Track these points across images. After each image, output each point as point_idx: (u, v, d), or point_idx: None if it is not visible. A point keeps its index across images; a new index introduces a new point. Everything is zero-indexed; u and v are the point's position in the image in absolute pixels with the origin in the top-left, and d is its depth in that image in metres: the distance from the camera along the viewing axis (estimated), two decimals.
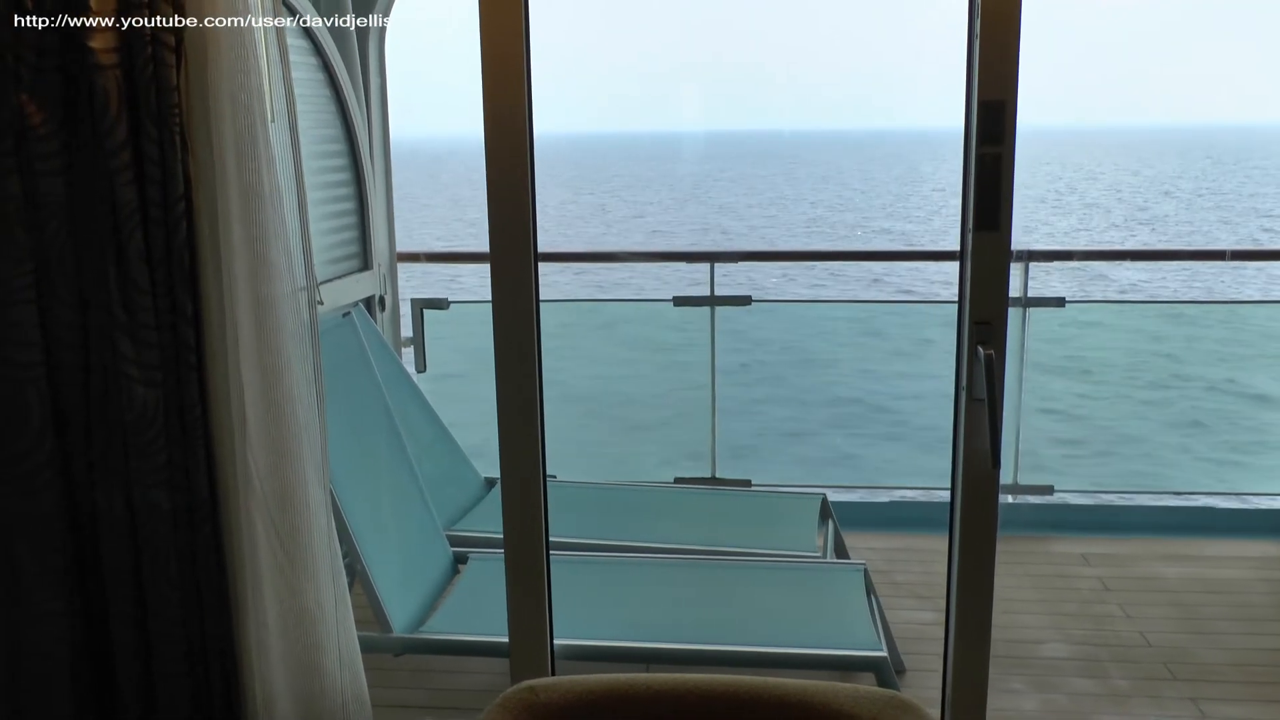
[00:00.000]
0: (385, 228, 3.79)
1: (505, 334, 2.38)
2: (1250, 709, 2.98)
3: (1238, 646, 3.35)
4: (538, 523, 2.50)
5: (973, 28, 2.20)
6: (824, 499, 3.89)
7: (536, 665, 2.57)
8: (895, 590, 3.74)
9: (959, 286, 2.37)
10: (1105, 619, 3.54)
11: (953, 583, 2.50)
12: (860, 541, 3.87)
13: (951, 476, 2.48)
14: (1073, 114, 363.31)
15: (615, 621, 3.12)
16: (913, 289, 15.94)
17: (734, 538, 3.68)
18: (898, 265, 19.21)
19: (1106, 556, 3.99)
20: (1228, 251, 7.30)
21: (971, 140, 2.24)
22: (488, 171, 2.28)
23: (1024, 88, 2.18)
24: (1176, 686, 3.10)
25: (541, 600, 2.54)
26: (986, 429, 2.30)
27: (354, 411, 3.13)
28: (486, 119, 2.24)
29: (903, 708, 1.65)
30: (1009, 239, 2.27)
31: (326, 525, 2.32)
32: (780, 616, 3.18)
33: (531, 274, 2.35)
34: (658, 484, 4.74)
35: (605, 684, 1.72)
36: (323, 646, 2.35)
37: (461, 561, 3.28)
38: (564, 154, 74.74)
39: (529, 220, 2.32)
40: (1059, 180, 50.71)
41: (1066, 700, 3.06)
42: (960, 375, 2.37)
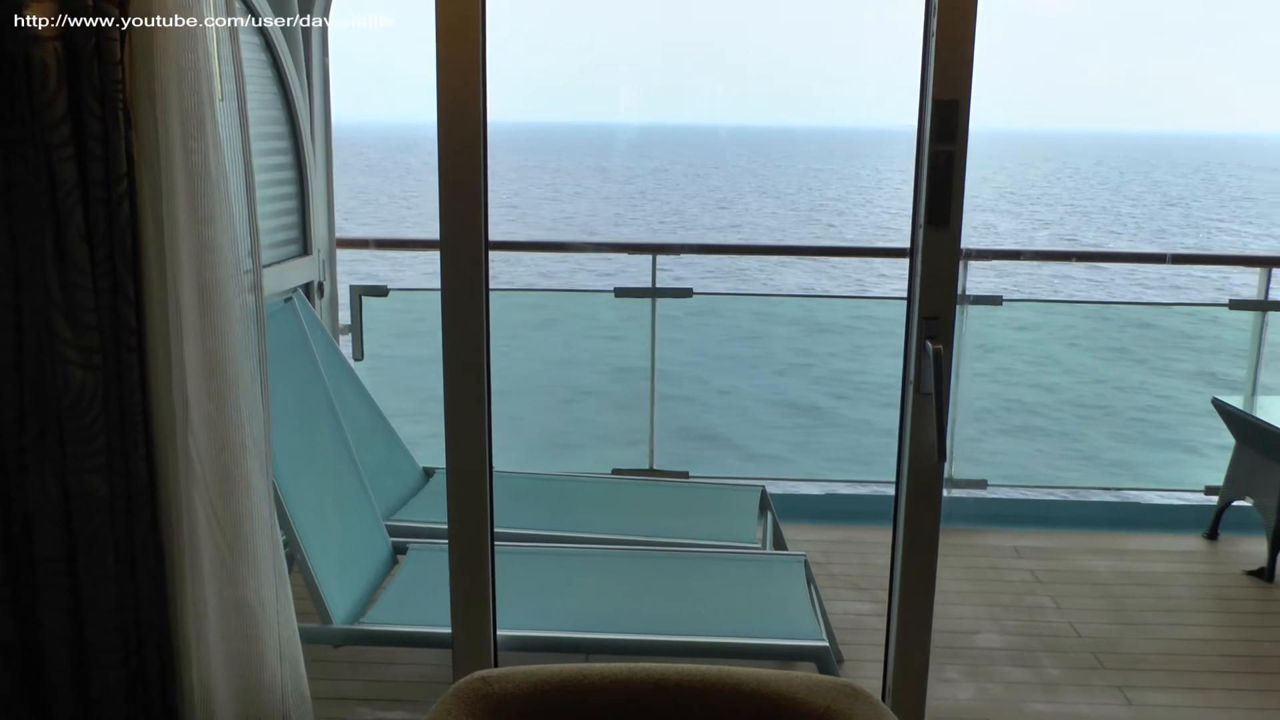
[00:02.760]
0: (325, 213, 3.72)
1: (454, 323, 2.35)
2: (1174, 696, 3.06)
3: (1163, 637, 3.44)
4: (483, 514, 2.48)
5: (929, 27, 2.22)
6: (763, 491, 3.90)
7: (480, 656, 2.55)
8: (832, 581, 3.78)
9: (908, 282, 2.39)
10: (1037, 610, 3.61)
11: (896, 574, 2.53)
12: (797, 533, 3.90)
13: (897, 469, 2.50)
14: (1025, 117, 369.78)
15: (555, 612, 3.10)
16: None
17: (674, 529, 3.68)
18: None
19: (1037, 549, 4.07)
20: (1169, 255, 7.49)
21: (925, 138, 2.26)
22: (440, 159, 2.25)
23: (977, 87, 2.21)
24: (1105, 675, 3.17)
25: (486, 591, 2.52)
26: (933, 423, 2.33)
27: (295, 398, 3.07)
28: (440, 107, 2.21)
29: (855, 695, 1.67)
30: (959, 236, 2.30)
31: (269, 514, 2.28)
32: (722, 607, 3.19)
33: (482, 263, 2.33)
34: (595, 475, 4.72)
35: (559, 674, 1.71)
36: (263, 638, 2.31)
37: (401, 552, 3.24)
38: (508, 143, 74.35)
39: (480, 208, 2.30)
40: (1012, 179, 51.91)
41: (1001, 689, 3.11)
42: (908, 369, 2.40)
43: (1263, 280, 4.34)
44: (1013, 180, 52.20)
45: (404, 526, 3.36)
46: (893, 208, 39.61)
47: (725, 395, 7.62)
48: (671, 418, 5.29)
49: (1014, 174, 56.40)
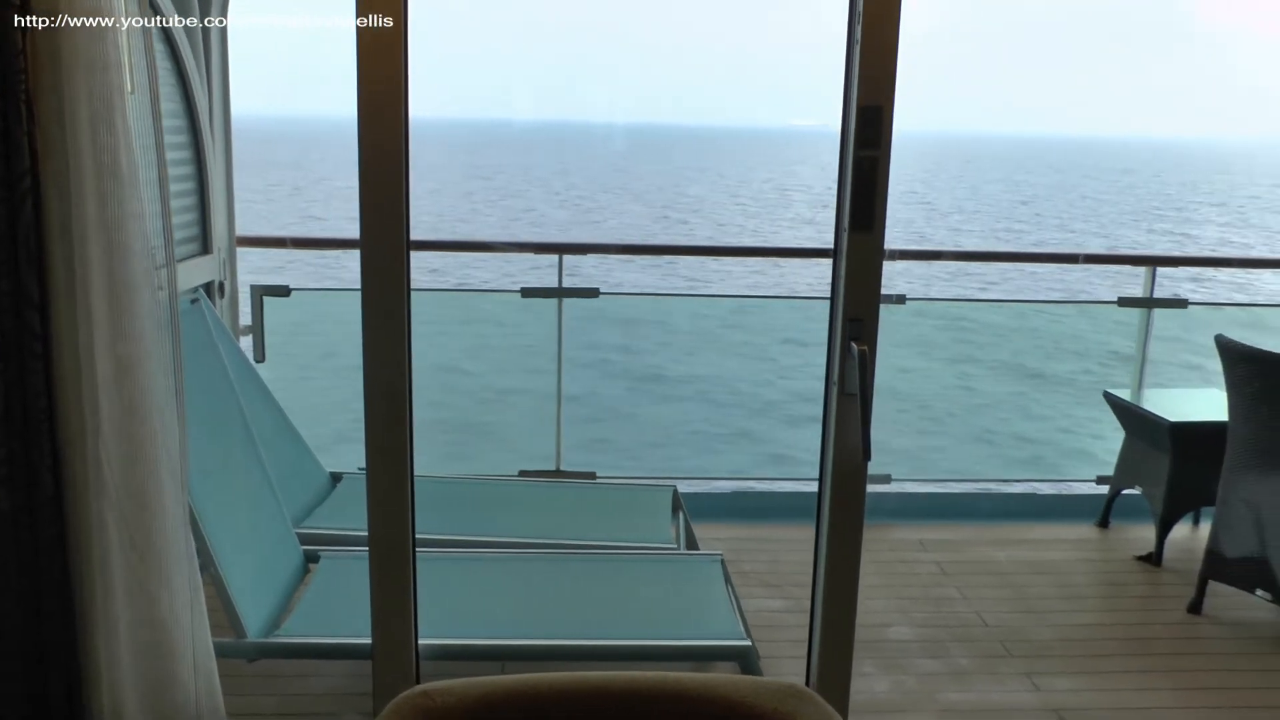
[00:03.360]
0: (225, 210, 3.59)
1: (375, 324, 2.29)
2: (1077, 680, 3.17)
3: (1064, 623, 3.56)
4: (404, 520, 2.42)
5: (853, 34, 2.24)
6: (675, 490, 3.91)
7: (401, 667, 2.49)
8: (744, 579, 3.80)
9: (832, 284, 2.42)
10: (945, 601, 3.70)
11: (819, 571, 2.56)
12: (706, 532, 3.91)
13: (820, 468, 2.53)
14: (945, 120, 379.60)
15: (471, 619, 3.05)
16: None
17: (588, 530, 3.66)
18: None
19: (942, 542, 4.18)
20: (1081, 255, 7.76)
21: (849, 143, 2.28)
22: (360, 157, 2.18)
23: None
24: (1012, 663, 3.27)
25: (407, 600, 2.47)
26: (859, 423, 2.36)
27: (202, 403, 2.95)
28: (360, 104, 2.15)
29: (801, 697, 1.68)
30: (882, 239, 2.33)
31: (183, 526, 2.19)
32: (641, 609, 3.18)
33: (404, 262, 2.27)
34: (502, 477, 4.66)
35: (504, 685, 1.68)
36: (176, 655, 2.22)
37: (312, 560, 3.14)
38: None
39: (401, 207, 2.24)
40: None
41: (914, 681, 3.18)
42: (831, 370, 2.42)
43: (1148, 278, 4.53)
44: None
45: (314, 534, 3.27)
46: (751, 208, 40.54)
47: (630, 395, 7.65)
48: (578, 418, 5.26)
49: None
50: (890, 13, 2.20)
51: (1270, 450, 3.39)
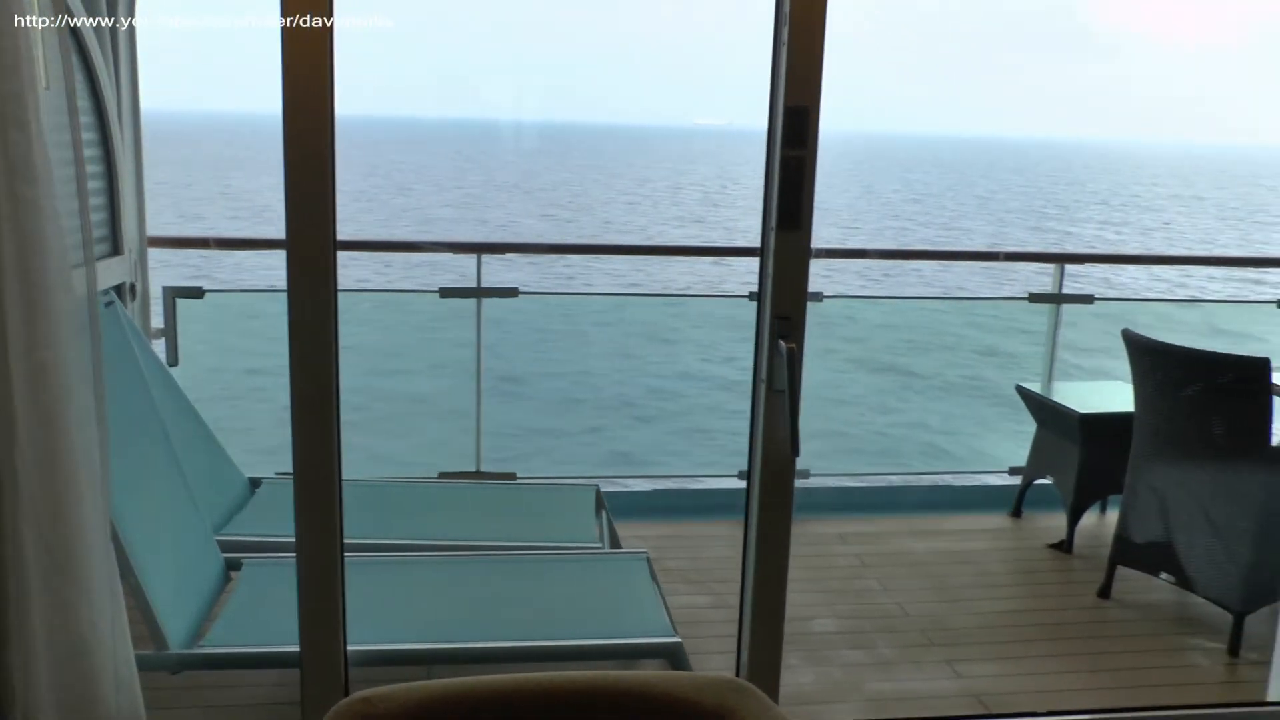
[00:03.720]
0: (135, 210, 3.49)
1: (301, 325, 2.25)
2: (996, 666, 3.26)
3: (982, 611, 3.66)
4: (333, 524, 2.38)
5: (779, 36, 2.27)
6: (597, 490, 3.92)
7: (330, 675, 2.45)
8: (667, 576, 3.82)
9: (759, 283, 2.45)
10: (866, 593, 3.77)
11: (749, 566, 2.58)
12: (627, 530, 3.93)
13: (749, 464, 2.56)
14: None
15: (397, 624, 3.01)
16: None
17: (515, 532, 3.64)
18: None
19: (861, 535, 4.26)
20: (1001, 253, 7.93)
21: (775, 143, 2.31)
22: (285, 155, 2.14)
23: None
24: (934, 651, 3.35)
25: (336, 606, 2.43)
26: (787, 418, 2.39)
27: (119, 409, 2.86)
28: (285, 101, 2.11)
29: (741, 691, 1.70)
30: (809, 238, 2.36)
31: (103, 536, 2.13)
32: (569, 608, 3.18)
33: (331, 262, 2.23)
34: (422, 479, 4.61)
35: (442, 689, 1.67)
36: (97, 671, 2.15)
37: (233, 568, 3.08)
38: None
39: (329, 206, 2.20)
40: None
41: (840, 672, 3.23)
42: (759, 367, 2.45)
43: (1057, 275, 4.67)
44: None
45: (235, 541, 3.20)
46: (641, 205, 40.81)
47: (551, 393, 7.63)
48: (496, 418, 5.24)
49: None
50: (817, 15, 2.23)
51: (1174, 439, 3.52)
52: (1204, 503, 3.44)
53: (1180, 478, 3.52)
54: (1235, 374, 3.31)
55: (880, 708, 3.04)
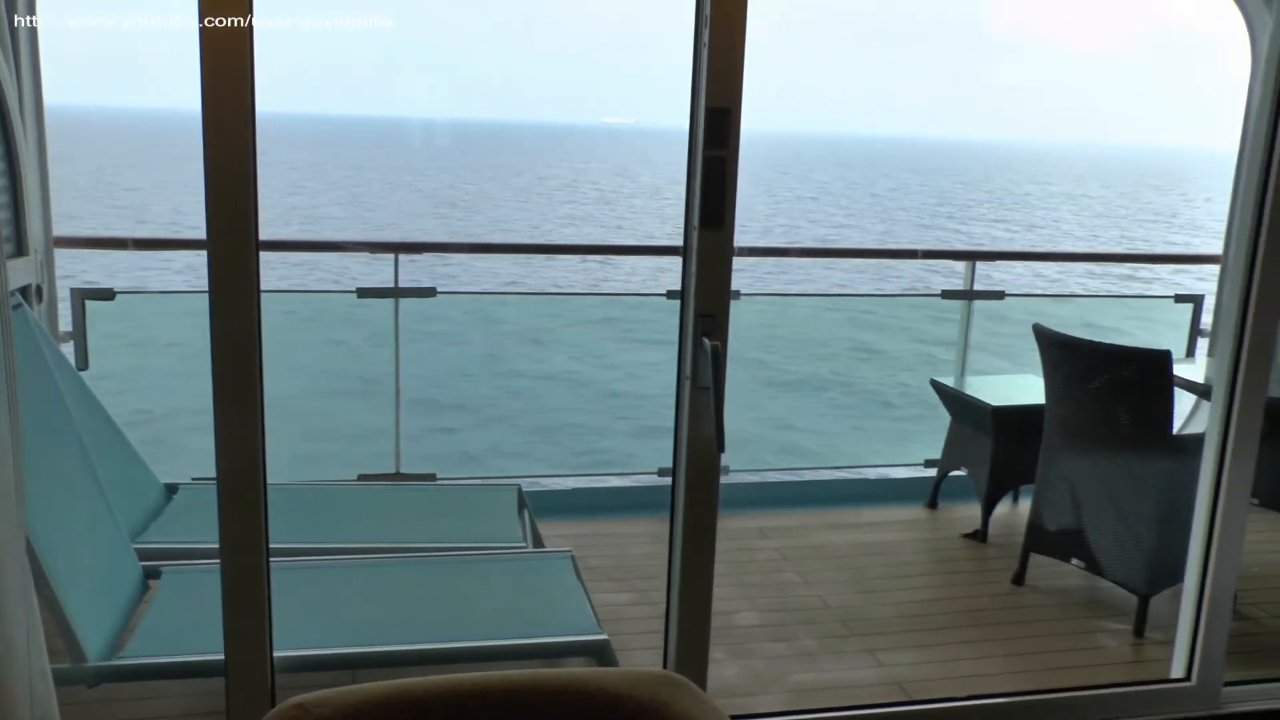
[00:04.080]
0: (40, 209, 3.39)
1: (224, 327, 2.21)
2: (916, 654, 3.35)
3: (900, 600, 3.75)
4: (258, 528, 2.35)
5: (699, 37, 2.29)
6: (519, 489, 3.91)
7: (256, 683, 2.42)
8: (590, 574, 3.83)
9: (682, 281, 2.48)
10: (787, 586, 3.83)
11: (675, 562, 2.62)
12: (550, 530, 3.94)
13: (674, 460, 2.59)
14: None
15: (321, 629, 2.98)
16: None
17: (438, 533, 3.62)
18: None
19: (780, 529, 4.32)
20: (920, 250, 8.08)
21: (697, 143, 2.34)
22: (206, 156, 2.11)
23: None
24: (854, 641, 3.42)
25: (262, 611, 2.39)
26: (712, 416, 2.43)
27: (30, 414, 2.78)
28: (205, 101, 2.07)
29: (675, 684, 1.72)
30: (731, 236, 2.40)
31: (16, 546, 2.06)
32: (495, 609, 3.18)
33: (254, 262, 2.20)
34: (342, 482, 4.56)
35: (380, 692, 1.66)
36: (13, 688, 2.09)
37: (152, 576, 3.01)
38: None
39: (251, 206, 2.17)
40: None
41: (763, 664, 3.28)
42: (684, 365, 2.48)
43: (968, 272, 4.79)
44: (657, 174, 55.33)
45: (153, 549, 3.13)
46: (533, 204, 40.92)
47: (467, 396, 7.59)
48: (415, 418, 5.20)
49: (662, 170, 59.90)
50: (737, 17, 2.26)
51: (1082, 430, 3.65)
52: (1111, 491, 3.57)
53: (1089, 467, 3.64)
54: (1139, 367, 3.44)
55: (804, 698, 3.10)
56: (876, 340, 6.63)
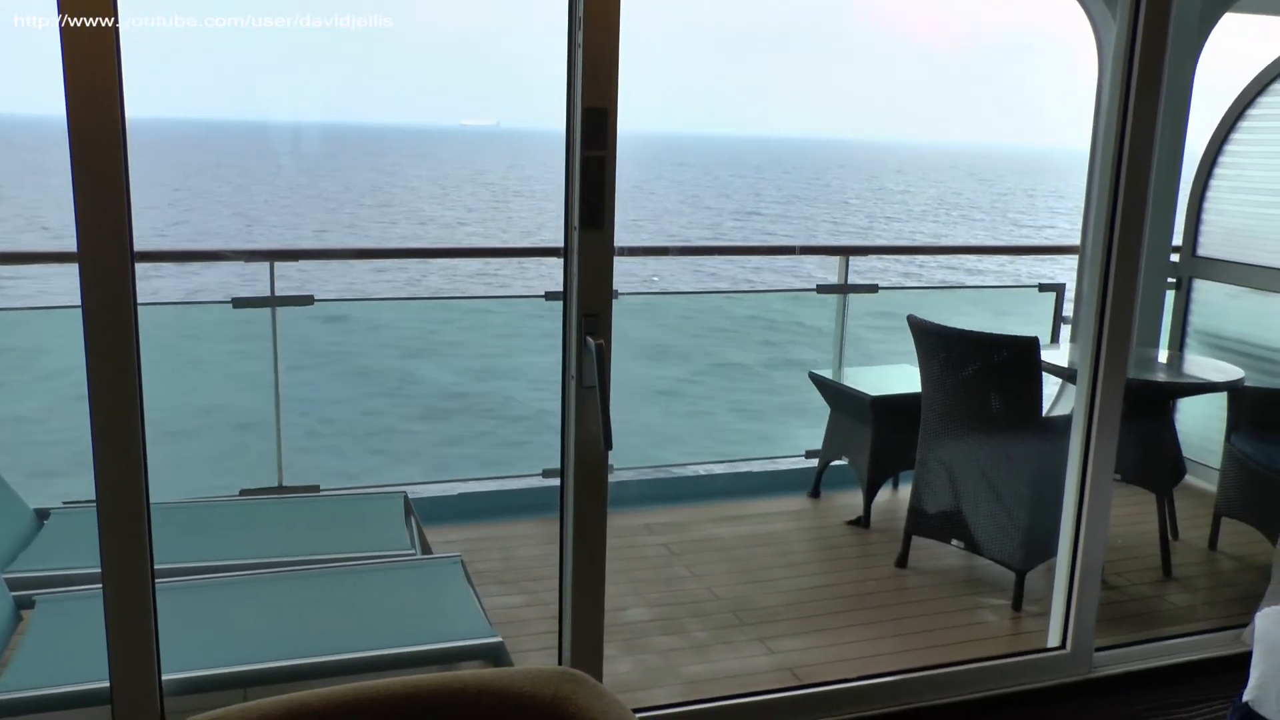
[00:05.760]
0: None
1: (100, 343, 2.15)
2: (805, 640, 3.44)
3: (788, 588, 3.84)
4: (142, 551, 2.29)
5: (573, 38, 2.32)
6: (405, 496, 3.88)
7: (145, 708, 2.36)
8: (479, 578, 3.82)
9: (564, 281, 2.50)
10: (676, 580, 3.89)
11: (567, 562, 2.64)
12: (437, 536, 3.92)
13: (562, 461, 2.61)
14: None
15: (208, 648, 2.90)
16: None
17: (325, 544, 3.56)
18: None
19: (666, 525, 4.38)
20: (797, 247, 8.21)
21: (575, 144, 2.36)
22: (73, 163, 2.04)
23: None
24: (746, 630, 3.49)
25: (148, 635, 2.33)
26: (599, 414, 2.45)
27: None
28: (70, 106, 2.01)
29: (577, 680, 1.74)
30: (612, 236, 2.43)
31: None
32: (388, 617, 3.14)
33: (129, 274, 2.14)
34: (224, 498, 4.45)
35: (276, 707, 1.64)
36: None
37: (25, 607, 2.89)
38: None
39: (124, 215, 2.11)
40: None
41: (656, 658, 3.33)
42: (569, 364, 2.50)
43: (842, 266, 4.92)
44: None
45: (25, 578, 3.00)
46: (387, 210, 40.60)
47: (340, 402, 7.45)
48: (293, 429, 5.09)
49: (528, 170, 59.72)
50: (610, 18, 2.29)
51: (957, 415, 3.79)
52: (986, 472, 3.72)
53: (965, 450, 3.79)
54: (1009, 352, 3.60)
55: (698, 689, 3.15)
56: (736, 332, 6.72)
